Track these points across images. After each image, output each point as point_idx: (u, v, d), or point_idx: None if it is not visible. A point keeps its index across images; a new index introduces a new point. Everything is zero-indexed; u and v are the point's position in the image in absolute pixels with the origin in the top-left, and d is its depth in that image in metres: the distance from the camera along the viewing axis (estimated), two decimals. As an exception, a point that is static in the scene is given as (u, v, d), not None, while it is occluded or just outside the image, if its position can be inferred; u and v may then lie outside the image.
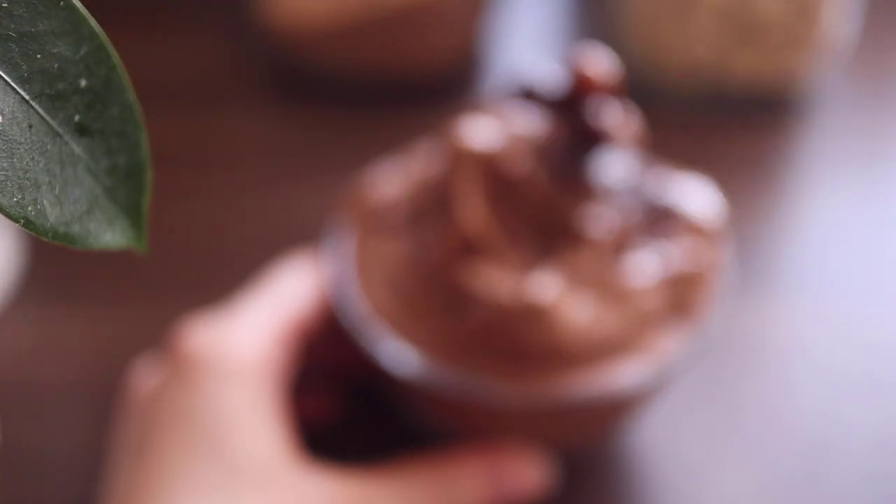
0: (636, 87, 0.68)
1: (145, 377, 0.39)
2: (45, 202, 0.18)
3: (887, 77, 0.72)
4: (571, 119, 0.39)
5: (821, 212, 0.60)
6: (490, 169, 0.38)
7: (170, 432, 0.34)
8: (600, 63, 0.39)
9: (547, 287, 0.37)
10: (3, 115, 0.17)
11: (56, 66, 0.18)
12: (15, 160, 0.17)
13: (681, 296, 0.40)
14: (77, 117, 0.18)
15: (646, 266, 0.39)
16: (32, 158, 0.17)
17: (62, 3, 0.19)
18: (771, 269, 0.56)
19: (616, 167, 0.39)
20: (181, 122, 0.67)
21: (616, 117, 0.39)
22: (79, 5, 0.19)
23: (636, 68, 0.69)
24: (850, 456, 0.46)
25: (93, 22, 0.19)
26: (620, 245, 0.39)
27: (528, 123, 0.39)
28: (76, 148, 0.18)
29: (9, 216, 0.17)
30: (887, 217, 0.59)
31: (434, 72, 0.69)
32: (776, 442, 0.46)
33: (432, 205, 0.40)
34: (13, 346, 0.51)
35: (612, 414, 0.41)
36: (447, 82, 0.70)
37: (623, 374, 0.37)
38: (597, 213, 0.39)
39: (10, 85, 0.17)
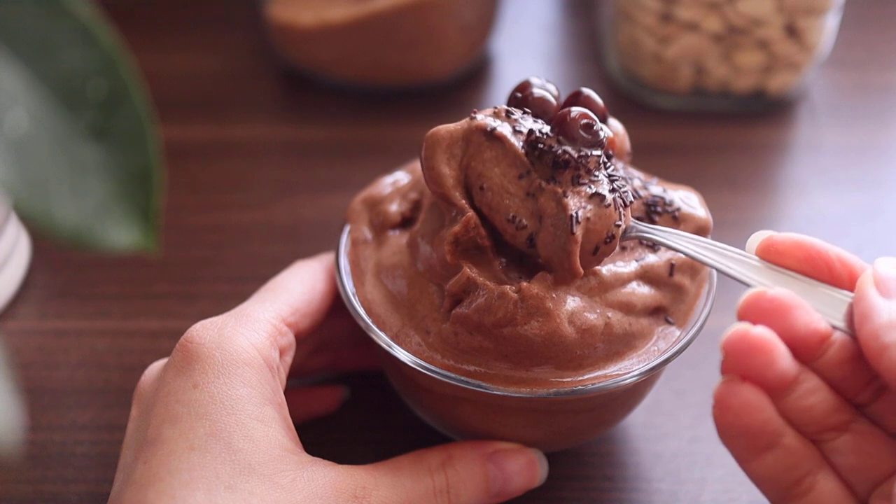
0: (621, 99, 0.69)
1: (153, 374, 0.39)
2: (59, 203, 0.18)
3: (865, 87, 0.72)
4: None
5: (808, 212, 0.60)
6: (463, 147, 0.38)
7: (178, 425, 0.35)
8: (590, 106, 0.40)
9: (544, 283, 0.37)
10: (29, 115, 0.17)
11: (72, 70, 0.18)
12: (34, 161, 0.17)
13: (673, 292, 0.40)
14: (92, 120, 0.18)
15: (638, 263, 0.39)
16: (50, 160, 0.18)
17: (70, 10, 0.19)
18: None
19: (610, 172, 0.40)
20: (194, 127, 0.67)
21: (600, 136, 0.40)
22: (90, 14, 0.19)
23: (621, 81, 0.69)
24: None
25: (105, 29, 0.19)
26: (615, 243, 0.39)
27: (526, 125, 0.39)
28: (91, 150, 0.19)
29: (24, 216, 0.17)
30: (875, 213, 0.60)
31: (436, 78, 0.70)
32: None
33: (435, 205, 0.41)
34: (23, 351, 0.51)
35: (607, 409, 0.41)
36: (448, 90, 0.71)
37: (618, 371, 0.38)
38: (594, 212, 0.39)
39: (32, 87, 0.17)
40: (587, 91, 0.41)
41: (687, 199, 0.42)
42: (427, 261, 0.40)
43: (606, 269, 0.39)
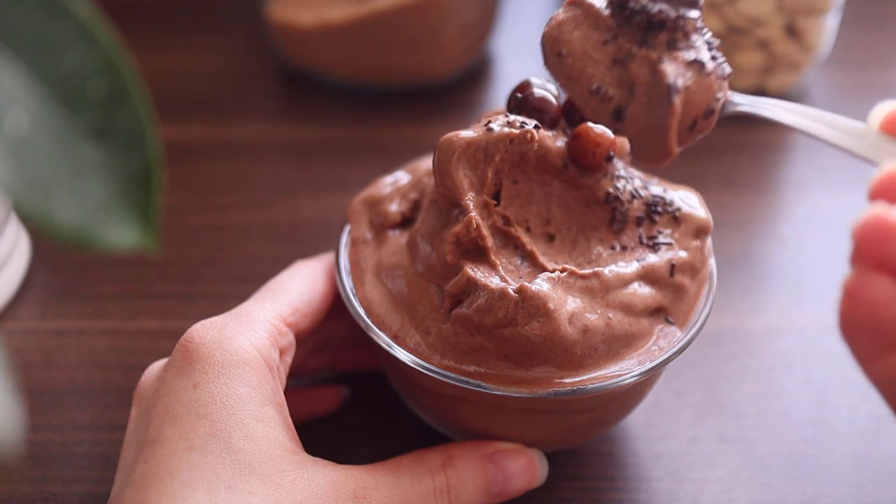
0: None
1: (153, 374, 0.39)
2: (59, 203, 0.18)
3: (865, 87, 0.72)
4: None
5: (808, 212, 0.60)
6: (480, 156, 0.38)
7: (178, 425, 0.35)
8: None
9: (544, 283, 0.37)
10: (29, 115, 0.17)
11: (72, 70, 0.18)
12: (34, 161, 0.17)
13: (674, 292, 0.40)
14: (92, 120, 0.18)
15: (640, 264, 0.39)
16: (50, 160, 0.18)
17: (72, 10, 0.19)
18: (763, 266, 0.56)
19: (707, 38, 0.37)
20: (194, 127, 0.67)
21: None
22: (90, 14, 0.19)
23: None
24: (839, 438, 0.46)
25: (105, 29, 0.19)
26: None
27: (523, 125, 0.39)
28: (91, 150, 0.19)
29: (24, 216, 0.17)
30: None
31: (436, 78, 0.69)
32: (769, 424, 0.47)
33: (433, 205, 0.41)
34: (23, 351, 0.51)
35: (607, 409, 0.41)
36: (448, 90, 0.71)
37: (618, 371, 0.38)
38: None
39: (32, 87, 0.17)
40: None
41: (687, 199, 0.42)
42: (427, 261, 0.40)
43: (608, 269, 0.39)
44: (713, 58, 0.34)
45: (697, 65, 0.33)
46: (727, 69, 0.34)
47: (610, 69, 0.34)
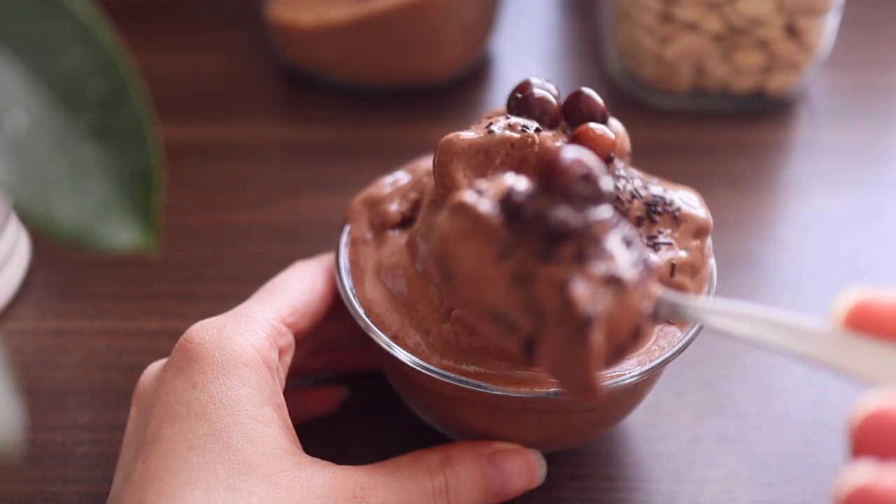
0: (621, 99, 0.69)
1: (152, 374, 0.39)
2: (59, 203, 0.18)
3: (865, 87, 0.72)
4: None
5: (808, 212, 0.60)
6: (481, 158, 0.38)
7: (177, 425, 0.35)
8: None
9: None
10: (29, 115, 0.17)
11: (72, 70, 0.18)
12: (34, 161, 0.17)
13: (674, 292, 0.40)
14: (92, 120, 0.19)
15: (640, 262, 0.39)
16: (50, 160, 0.18)
17: (72, 10, 0.19)
18: (763, 266, 0.56)
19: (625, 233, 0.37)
20: (194, 127, 0.67)
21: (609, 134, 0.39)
22: (90, 14, 0.19)
23: (621, 81, 0.69)
24: (839, 438, 0.46)
25: (105, 29, 0.19)
26: (642, 337, 0.39)
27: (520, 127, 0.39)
28: (91, 150, 0.19)
29: (24, 216, 0.17)
30: (875, 213, 0.60)
31: (436, 78, 0.69)
32: (769, 424, 0.47)
33: (433, 205, 0.41)
34: (23, 351, 0.51)
35: (606, 409, 0.41)
36: (448, 90, 0.71)
37: (618, 371, 0.38)
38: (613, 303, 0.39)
39: (32, 87, 0.17)
40: (588, 91, 0.41)
41: (687, 199, 0.42)
42: (426, 261, 0.40)
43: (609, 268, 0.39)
44: (634, 261, 0.28)
45: (615, 281, 0.27)
46: (653, 260, 0.28)
47: (511, 291, 0.27)
